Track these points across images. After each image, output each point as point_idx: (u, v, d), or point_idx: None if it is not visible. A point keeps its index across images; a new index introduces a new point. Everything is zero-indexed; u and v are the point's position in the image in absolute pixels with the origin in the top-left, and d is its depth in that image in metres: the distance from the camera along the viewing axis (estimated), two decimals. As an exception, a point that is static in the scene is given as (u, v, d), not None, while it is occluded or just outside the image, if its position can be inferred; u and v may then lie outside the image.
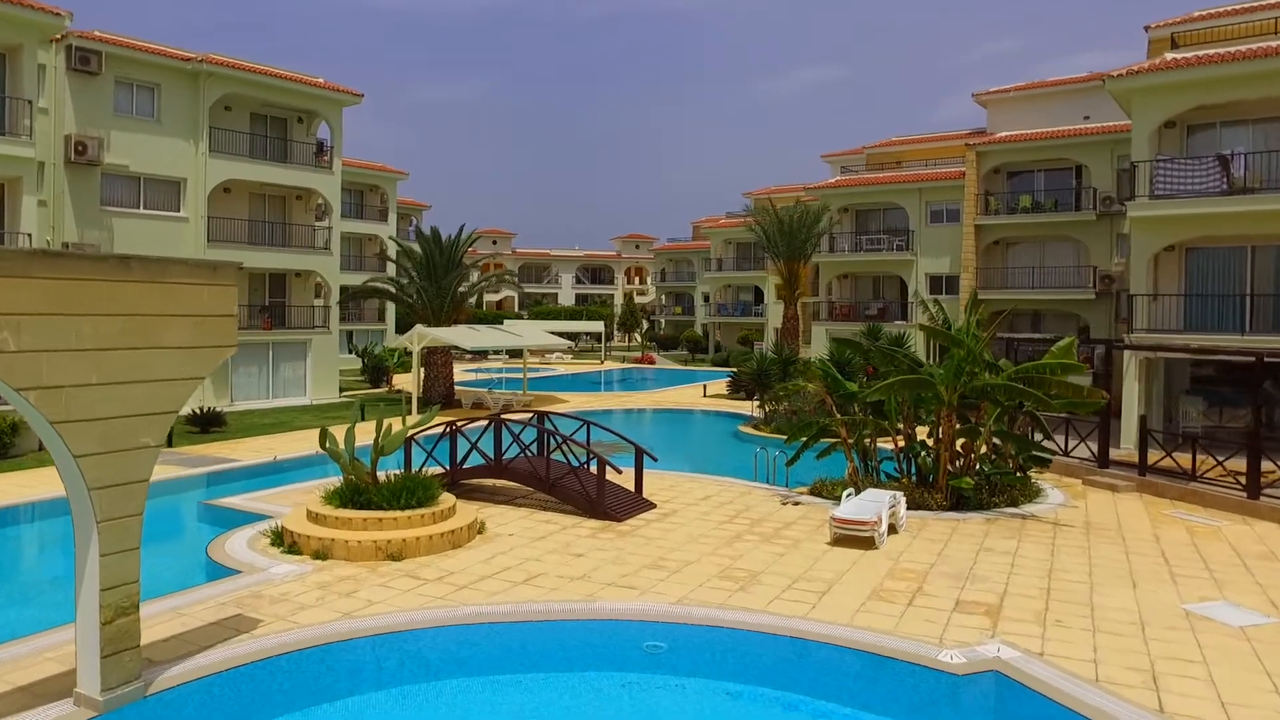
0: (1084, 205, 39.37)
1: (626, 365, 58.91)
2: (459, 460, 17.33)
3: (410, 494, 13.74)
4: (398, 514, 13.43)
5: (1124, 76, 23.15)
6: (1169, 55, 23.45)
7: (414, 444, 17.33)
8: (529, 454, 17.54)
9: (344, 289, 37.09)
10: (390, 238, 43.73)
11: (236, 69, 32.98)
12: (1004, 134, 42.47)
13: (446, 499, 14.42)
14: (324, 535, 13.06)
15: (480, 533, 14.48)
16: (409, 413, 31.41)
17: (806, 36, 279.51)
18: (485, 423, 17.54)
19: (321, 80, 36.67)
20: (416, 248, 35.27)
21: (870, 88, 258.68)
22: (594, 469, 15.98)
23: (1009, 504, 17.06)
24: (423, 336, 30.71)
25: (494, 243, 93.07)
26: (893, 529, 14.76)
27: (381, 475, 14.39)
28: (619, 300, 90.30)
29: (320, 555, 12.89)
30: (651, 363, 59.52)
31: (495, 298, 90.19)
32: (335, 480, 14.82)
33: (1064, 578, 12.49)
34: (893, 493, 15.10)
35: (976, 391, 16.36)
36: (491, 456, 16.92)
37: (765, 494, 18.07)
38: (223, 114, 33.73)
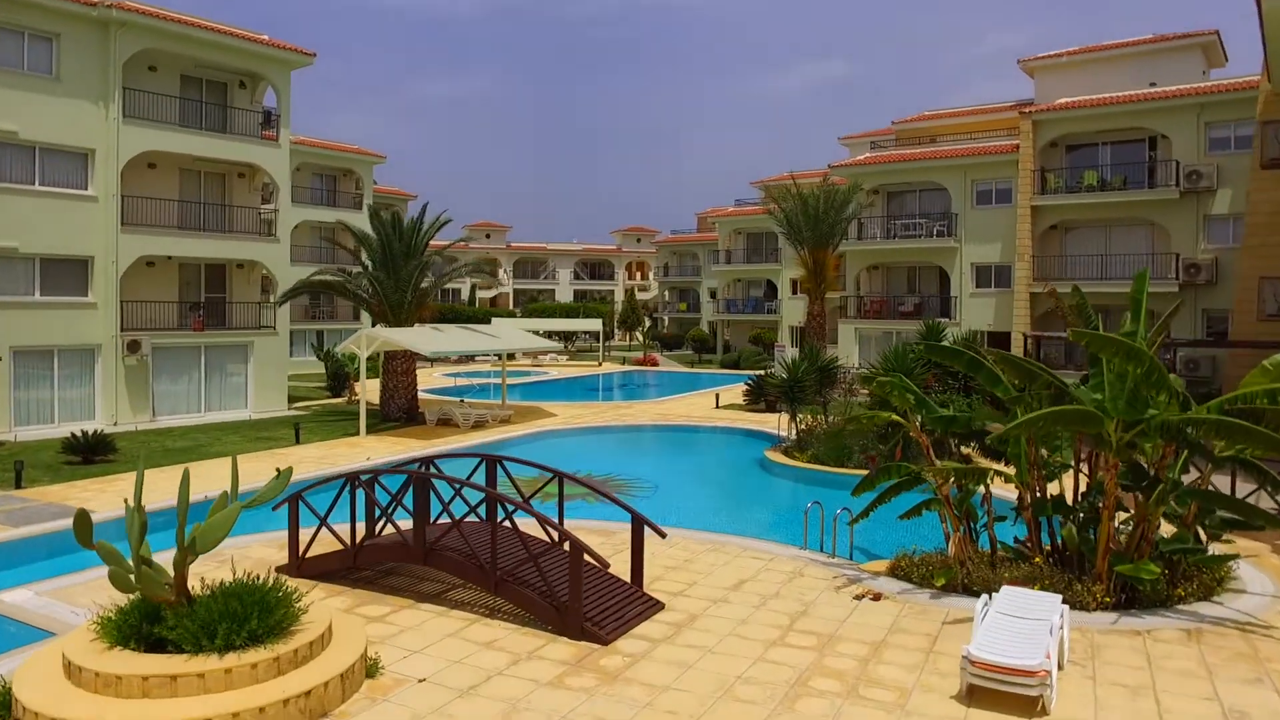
0: (1159, 181, 33.55)
1: (627, 368, 52.96)
2: (371, 529, 11.55)
3: (238, 623, 7.83)
4: (211, 663, 7.58)
5: (1288, -10, 17.32)
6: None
7: (302, 504, 11.61)
8: (477, 517, 11.79)
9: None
10: (341, 222, 37.95)
11: (155, 18, 27.46)
12: (1065, 100, 36.55)
13: (311, 623, 8.51)
14: (75, 715, 7.22)
15: (370, 677, 8.64)
16: (358, 431, 25.47)
17: (806, 33, 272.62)
18: (418, 467, 11.79)
19: (265, 37, 31.03)
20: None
21: (872, 84, 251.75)
22: (569, 543, 10.22)
23: (1200, 596, 11.23)
24: (372, 340, 24.83)
25: (487, 236, 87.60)
26: (1053, 660, 8.95)
27: (212, 568, 8.60)
28: (619, 296, 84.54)
29: (56, 750, 7.10)
30: (655, 365, 53.47)
31: (489, 294, 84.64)
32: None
33: None
34: (1053, 599, 9.24)
35: (1169, 430, 10.38)
36: (418, 522, 11.13)
37: (824, 575, 12.24)
38: (146, 75, 28.26)
